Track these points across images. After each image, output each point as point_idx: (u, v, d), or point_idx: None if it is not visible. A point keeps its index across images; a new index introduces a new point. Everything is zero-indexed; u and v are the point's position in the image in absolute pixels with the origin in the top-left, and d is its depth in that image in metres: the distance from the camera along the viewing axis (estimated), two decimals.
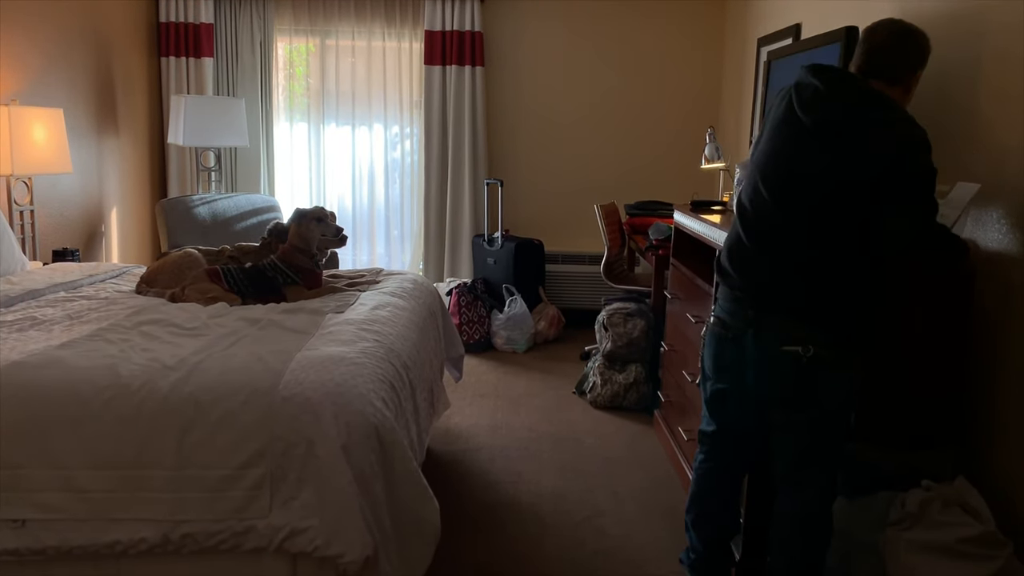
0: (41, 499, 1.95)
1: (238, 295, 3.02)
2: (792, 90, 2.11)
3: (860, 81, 2.05)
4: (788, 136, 2.08)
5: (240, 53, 5.63)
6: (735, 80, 5.30)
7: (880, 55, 2.09)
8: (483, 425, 3.90)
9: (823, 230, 2.00)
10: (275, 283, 3.09)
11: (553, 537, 2.85)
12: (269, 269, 3.12)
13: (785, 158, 2.07)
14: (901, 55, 2.10)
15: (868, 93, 1.99)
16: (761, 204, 2.12)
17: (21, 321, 2.57)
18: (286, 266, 3.13)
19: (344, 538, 1.93)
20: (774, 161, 2.10)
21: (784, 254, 2.06)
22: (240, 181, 5.78)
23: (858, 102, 1.98)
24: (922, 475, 2.23)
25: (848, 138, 1.96)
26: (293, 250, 3.18)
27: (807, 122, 2.02)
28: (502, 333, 5.20)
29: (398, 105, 5.82)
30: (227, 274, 3.06)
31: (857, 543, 2.23)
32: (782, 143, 2.09)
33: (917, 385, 2.37)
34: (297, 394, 2.02)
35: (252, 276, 3.09)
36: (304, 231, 3.18)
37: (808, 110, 2.03)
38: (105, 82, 4.89)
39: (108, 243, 5.00)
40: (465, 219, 5.75)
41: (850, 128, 1.97)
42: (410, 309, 2.94)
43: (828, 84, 2.02)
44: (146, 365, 2.13)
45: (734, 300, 2.16)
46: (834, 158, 1.97)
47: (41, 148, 3.81)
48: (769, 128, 2.17)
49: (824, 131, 2.00)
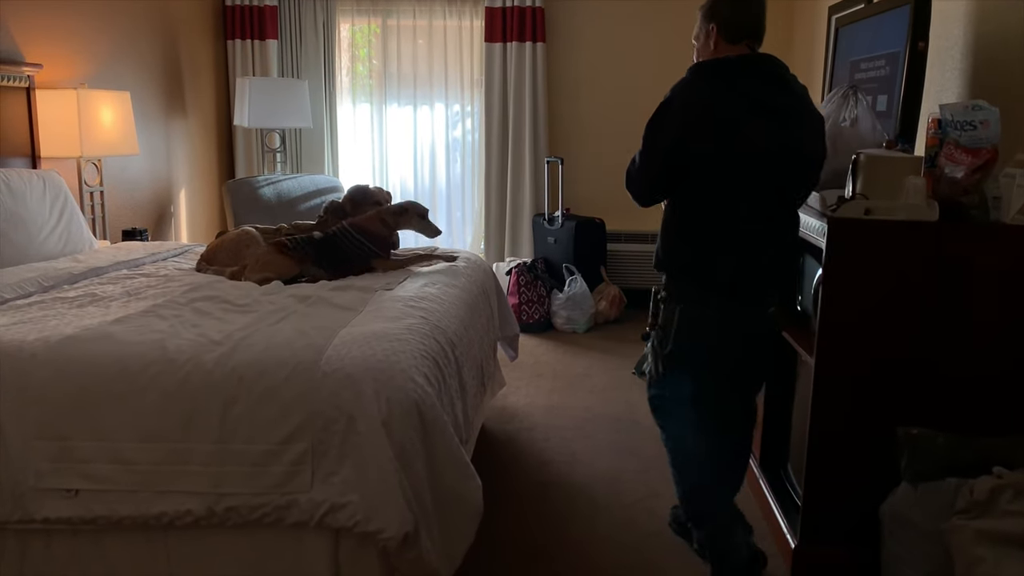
0: (90, 470, 1.99)
1: (319, 268, 2.94)
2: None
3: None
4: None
5: (304, 35, 5.68)
6: (805, 51, 5.10)
7: (763, 21, 2.27)
8: (539, 405, 3.87)
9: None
10: (353, 256, 3.01)
11: (605, 518, 2.80)
12: (343, 239, 3.02)
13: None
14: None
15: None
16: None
17: (81, 297, 2.64)
18: (365, 237, 3.03)
19: (384, 514, 1.92)
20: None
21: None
22: (305, 162, 5.85)
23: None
24: (993, 462, 2.10)
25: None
26: (381, 223, 3.08)
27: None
28: (562, 313, 5.15)
29: (459, 84, 5.79)
30: (293, 248, 2.97)
31: (921, 532, 2.12)
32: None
33: (990, 368, 2.24)
34: (338, 369, 2.01)
35: (321, 248, 2.99)
36: (405, 222, 3.11)
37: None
38: (172, 65, 4.99)
39: (177, 223, 5.12)
40: (526, 198, 5.70)
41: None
42: (460, 287, 2.91)
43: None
44: (193, 340, 2.15)
45: None
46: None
47: (109, 131, 3.90)
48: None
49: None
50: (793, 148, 2.19)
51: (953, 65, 2.96)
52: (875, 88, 2.84)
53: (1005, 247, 2.20)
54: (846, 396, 2.32)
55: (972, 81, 2.83)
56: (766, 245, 2.24)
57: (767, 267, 2.27)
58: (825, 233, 2.24)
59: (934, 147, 2.34)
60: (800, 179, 2.29)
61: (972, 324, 2.24)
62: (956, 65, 2.94)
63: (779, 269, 2.33)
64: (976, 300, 2.23)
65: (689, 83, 2.21)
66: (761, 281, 2.27)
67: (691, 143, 2.15)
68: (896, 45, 2.69)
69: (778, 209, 2.27)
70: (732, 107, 2.13)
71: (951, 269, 2.22)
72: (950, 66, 2.98)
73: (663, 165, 2.22)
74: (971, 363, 2.26)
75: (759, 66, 2.21)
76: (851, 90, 2.57)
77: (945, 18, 2.97)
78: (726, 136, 2.13)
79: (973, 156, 2.22)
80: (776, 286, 2.35)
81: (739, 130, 2.12)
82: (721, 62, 2.21)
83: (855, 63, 3.08)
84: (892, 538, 2.20)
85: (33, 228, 3.25)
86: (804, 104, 2.25)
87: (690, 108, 2.15)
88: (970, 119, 2.25)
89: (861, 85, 2.76)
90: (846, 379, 2.31)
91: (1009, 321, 2.23)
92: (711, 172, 2.17)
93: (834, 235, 2.23)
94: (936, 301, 2.24)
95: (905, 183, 2.22)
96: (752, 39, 2.25)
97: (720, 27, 2.24)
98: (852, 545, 2.38)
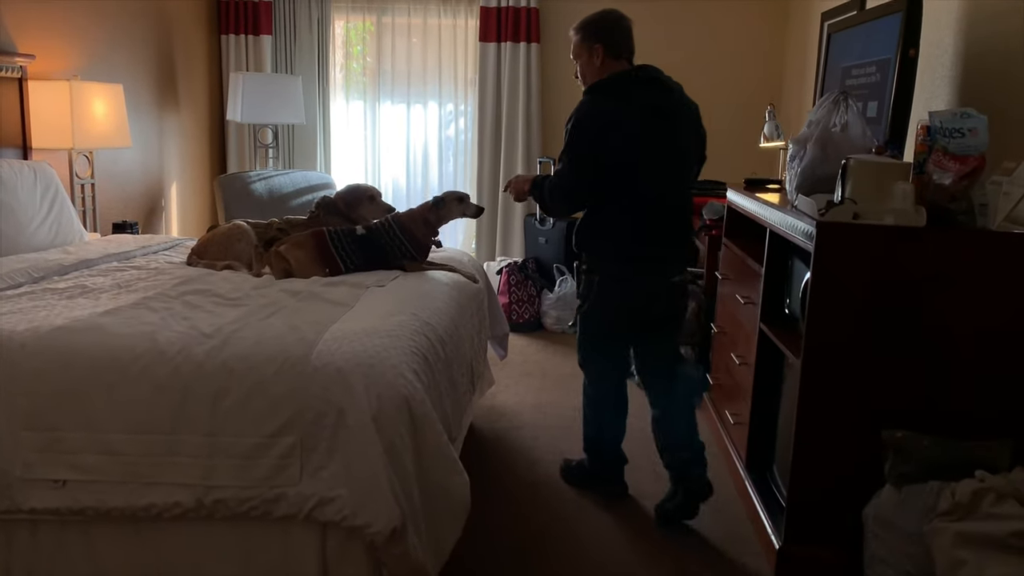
0: (78, 461, 1.99)
1: (343, 265, 2.92)
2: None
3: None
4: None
5: (298, 31, 5.67)
6: (798, 57, 5.13)
7: (633, 39, 2.73)
8: (528, 404, 3.88)
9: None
10: (391, 255, 3.00)
11: (592, 517, 2.82)
12: (385, 236, 3.00)
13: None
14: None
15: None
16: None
17: (71, 289, 2.64)
18: (407, 237, 3.02)
19: (372, 509, 1.93)
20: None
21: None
22: (297, 158, 5.85)
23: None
24: (976, 465, 2.12)
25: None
26: (424, 222, 3.07)
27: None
28: (552, 313, 5.16)
29: (453, 83, 5.80)
30: (335, 240, 2.95)
31: (903, 533, 2.14)
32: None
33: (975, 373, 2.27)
34: (328, 364, 2.02)
35: (363, 244, 2.97)
36: (446, 214, 3.11)
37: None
38: (166, 59, 4.98)
39: (168, 217, 5.11)
40: None
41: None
42: (451, 285, 2.92)
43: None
44: (183, 333, 2.16)
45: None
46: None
47: (101, 123, 3.90)
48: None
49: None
50: (684, 139, 2.69)
51: (943, 73, 2.98)
52: (866, 94, 2.87)
53: (991, 253, 2.22)
54: (832, 398, 2.34)
55: (962, 89, 2.86)
56: (669, 224, 2.69)
57: (669, 241, 2.71)
58: (813, 237, 2.26)
59: (923, 153, 2.36)
60: (691, 162, 2.79)
61: (958, 329, 2.26)
62: (946, 73, 2.97)
63: (680, 240, 2.75)
64: (962, 305, 2.25)
65: (592, 103, 2.62)
66: (664, 252, 2.70)
67: (606, 153, 2.55)
68: (887, 52, 2.72)
69: (678, 193, 2.72)
70: (633, 116, 2.56)
71: (938, 274, 2.24)
72: (940, 74, 3.00)
73: (590, 175, 2.60)
74: (956, 368, 2.28)
75: (645, 76, 2.64)
76: (842, 96, 2.59)
77: (936, 26, 3.00)
78: (632, 140, 2.55)
79: (961, 163, 2.25)
80: (679, 254, 2.78)
81: (642, 133, 2.56)
82: (615, 79, 2.63)
83: (846, 69, 3.11)
84: (875, 539, 2.22)
85: (23, 219, 3.25)
86: (682, 99, 2.70)
87: (600, 125, 2.56)
88: (959, 126, 2.27)
89: (852, 91, 2.79)
90: (832, 382, 2.33)
91: (993, 327, 2.25)
92: (626, 172, 2.57)
93: (822, 239, 2.25)
94: (922, 306, 2.26)
95: (893, 189, 2.24)
96: (630, 53, 2.71)
97: (605, 47, 2.66)
98: (835, 546, 2.40)
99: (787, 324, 2.71)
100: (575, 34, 2.75)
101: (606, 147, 2.55)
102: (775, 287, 2.78)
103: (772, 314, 2.78)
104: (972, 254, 2.22)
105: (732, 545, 2.66)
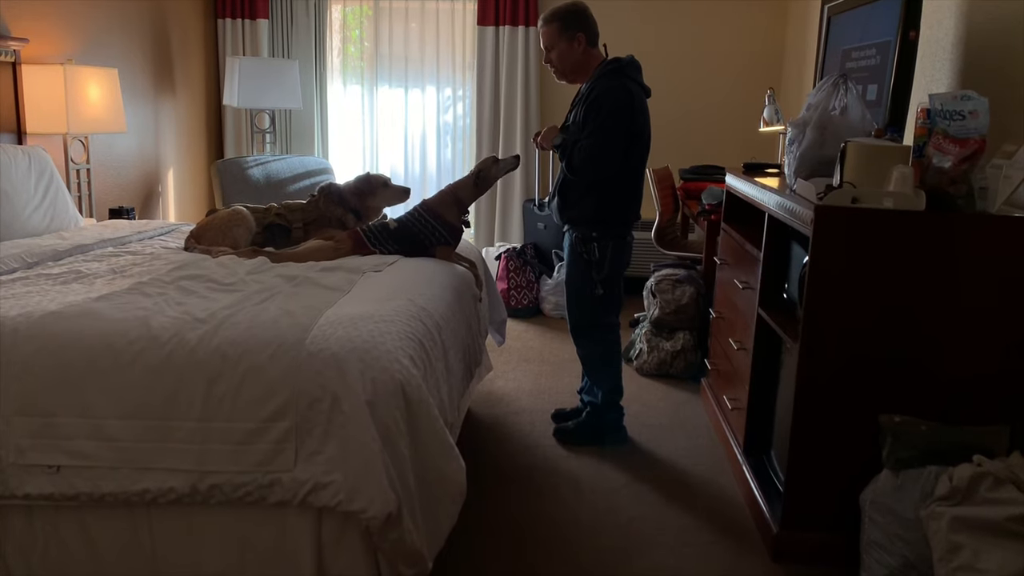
0: (73, 446, 1.98)
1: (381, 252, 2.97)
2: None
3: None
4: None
5: (295, 15, 5.64)
6: (798, 41, 5.09)
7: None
8: (525, 389, 3.87)
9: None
10: (427, 242, 3.03)
11: (589, 501, 2.81)
12: (418, 225, 3.03)
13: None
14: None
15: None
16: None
17: (66, 274, 2.62)
18: (439, 223, 3.04)
19: (367, 493, 1.92)
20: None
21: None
22: (294, 143, 5.82)
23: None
24: (974, 450, 2.12)
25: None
26: (455, 202, 3.09)
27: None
28: (550, 299, 5.15)
29: (451, 67, 5.76)
30: (371, 237, 2.99)
31: (900, 518, 2.13)
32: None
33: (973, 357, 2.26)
34: (323, 349, 2.01)
35: (398, 238, 3.01)
36: (487, 181, 3.18)
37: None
38: (162, 43, 4.95)
39: (165, 203, 5.09)
40: (516, 183, 5.69)
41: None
42: (448, 271, 2.91)
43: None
44: (177, 318, 2.14)
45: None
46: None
47: (96, 107, 3.87)
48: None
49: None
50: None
51: (943, 55, 2.96)
52: (866, 77, 2.84)
53: (991, 237, 2.21)
54: (830, 383, 2.33)
55: (962, 71, 2.84)
56: (641, 190, 3.16)
57: (639, 204, 3.18)
58: (812, 221, 2.24)
59: (922, 137, 2.35)
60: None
61: (956, 314, 2.25)
62: (946, 55, 2.94)
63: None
64: (961, 289, 2.24)
65: (625, 85, 2.95)
66: (638, 212, 3.18)
67: (633, 129, 2.96)
68: (887, 34, 2.69)
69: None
70: (644, 96, 3.01)
71: (937, 258, 2.23)
72: (940, 56, 2.98)
73: (622, 147, 2.95)
74: (955, 352, 2.27)
75: (633, 61, 3.02)
76: (841, 79, 2.56)
77: (937, 8, 2.97)
78: (646, 118, 3.02)
79: (961, 146, 2.23)
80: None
81: (645, 111, 3.01)
82: (629, 63, 3.00)
83: (846, 52, 3.08)
84: (872, 524, 2.22)
85: (18, 204, 3.23)
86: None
87: (634, 104, 2.93)
88: (959, 109, 2.25)
89: (852, 74, 2.76)
90: (830, 366, 2.32)
91: (993, 311, 2.24)
92: (639, 146, 3.02)
93: (821, 223, 2.23)
94: (921, 290, 2.25)
95: (893, 172, 2.22)
96: (599, 41, 3.10)
97: (586, 36, 3.02)
98: (832, 531, 2.40)
99: (786, 309, 2.69)
100: (550, 24, 3.03)
101: (634, 123, 2.95)
102: (774, 272, 2.77)
103: (770, 299, 2.77)
104: (972, 238, 2.21)
105: (730, 530, 2.65)
